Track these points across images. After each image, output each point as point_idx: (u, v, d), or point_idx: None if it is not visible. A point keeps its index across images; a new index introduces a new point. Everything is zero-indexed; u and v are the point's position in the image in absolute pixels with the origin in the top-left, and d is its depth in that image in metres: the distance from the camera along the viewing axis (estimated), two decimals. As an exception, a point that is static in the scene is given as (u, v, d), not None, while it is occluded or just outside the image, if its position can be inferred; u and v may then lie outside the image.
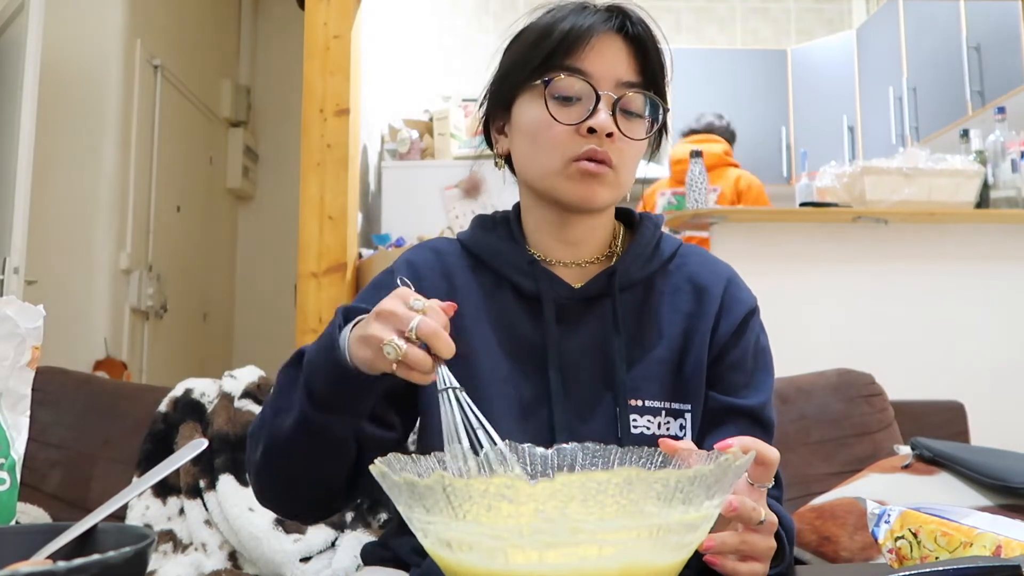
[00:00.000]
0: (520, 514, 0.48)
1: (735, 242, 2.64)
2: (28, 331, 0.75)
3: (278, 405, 0.81)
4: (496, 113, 0.93)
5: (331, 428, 0.79)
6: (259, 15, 5.06)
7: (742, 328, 0.91)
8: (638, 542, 0.50)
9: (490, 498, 0.49)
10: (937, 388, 1.96)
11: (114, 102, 3.43)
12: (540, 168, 0.87)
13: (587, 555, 0.49)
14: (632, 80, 0.86)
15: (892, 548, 0.76)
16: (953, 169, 2.66)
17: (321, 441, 0.79)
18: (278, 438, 0.80)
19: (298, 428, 0.78)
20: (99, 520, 0.59)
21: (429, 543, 0.54)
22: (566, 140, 0.85)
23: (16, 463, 0.74)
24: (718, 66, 5.05)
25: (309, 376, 0.77)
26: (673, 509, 0.51)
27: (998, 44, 3.70)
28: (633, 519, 0.50)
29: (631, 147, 0.86)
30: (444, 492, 0.50)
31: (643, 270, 0.91)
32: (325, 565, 1.27)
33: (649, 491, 0.50)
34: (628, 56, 0.86)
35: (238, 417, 1.43)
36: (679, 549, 0.53)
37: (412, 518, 0.54)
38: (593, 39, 0.85)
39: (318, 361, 0.76)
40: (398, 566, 0.90)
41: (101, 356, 3.27)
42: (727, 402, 0.88)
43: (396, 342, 0.68)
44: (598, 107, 0.84)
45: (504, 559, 0.50)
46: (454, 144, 3.45)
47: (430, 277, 0.91)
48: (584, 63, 0.85)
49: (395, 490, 0.54)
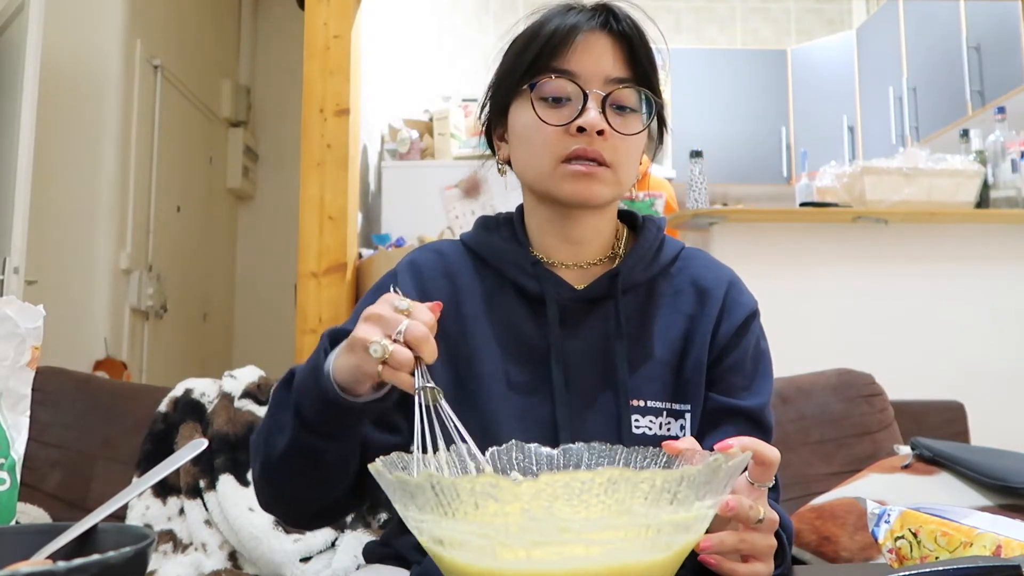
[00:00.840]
0: (507, 513, 0.49)
1: (735, 242, 2.64)
2: (28, 331, 0.75)
3: (272, 424, 0.81)
4: (495, 120, 0.94)
5: (324, 452, 0.79)
6: (259, 15, 5.06)
7: (742, 330, 0.91)
8: (626, 542, 0.50)
9: (476, 496, 0.49)
10: (937, 388, 1.96)
11: (114, 102, 3.43)
12: (535, 170, 0.88)
13: (575, 554, 0.50)
14: (621, 76, 0.86)
15: (892, 548, 0.76)
16: (953, 169, 2.66)
17: (316, 462, 0.79)
18: (272, 456, 0.81)
19: (291, 450, 0.78)
20: (99, 520, 0.59)
21: (424, 540, 0.55)
22: (556, 141, 0.85)
23: (16, 463, 0.74)
24: (718, 66, 5.05)
25: (299, 400, 0.77)
26: (661, 509, 0.51)
27: (998, 44, 3.70)
28: (619, 518, 0.50)
29: (626, 143, 0.86)
30: (433, 490, 0.50)
31: (646, 272, 0.91)
32: (325, 565, 1.27)
33: (635, 491, 0.50)
34: (616, 52, 0.86)
35: (238, 417, 1.43)
36: (670, 549, 0.53)
37: (407, 516, 0.55)
38: (578, 38, 0.85)
39: (306, 386, 0.76)
40: (399, 563, 0.90)
41: (101, 356, 3.27)
42: (726, 403, 0.88)
43: (383, 342, 0.67)
44: (587, 106, 0.84)
45: (493, 557, 0.50)
46: (454, 144, 3.45)
47: (433, 278, 0.91)
48: (570, 63, 0.85)
49: (390, 489, 0.54)
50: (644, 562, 0.51)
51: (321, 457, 0.78)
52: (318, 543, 1.29)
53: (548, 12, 0.89)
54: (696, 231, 2.79)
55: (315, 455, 0.78)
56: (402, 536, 0.90)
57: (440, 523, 0.51)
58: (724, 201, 4.57)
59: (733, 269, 0.98)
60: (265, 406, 1.45)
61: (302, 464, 0.79)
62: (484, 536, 0.50)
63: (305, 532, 1.30)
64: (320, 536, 1.29)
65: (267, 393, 1.48)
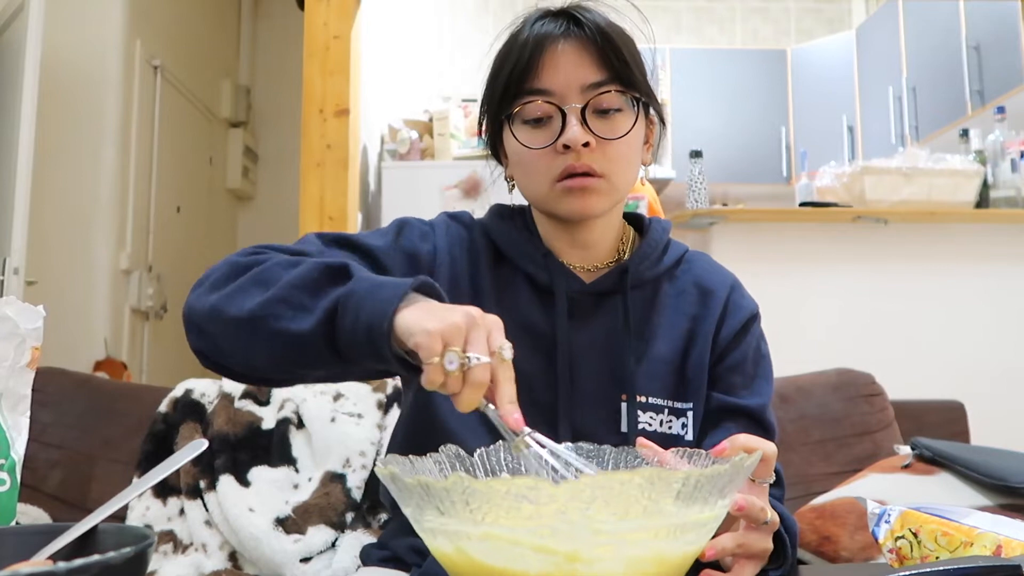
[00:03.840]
0: (541, 515, 0.48)
1: (735, 242, 2.64)
2: (28, 331, 0.75)
3: (284, 294, 0.70)
4: (495, 139, 0.93)
5: (318, 360, 0.70)
6: (259, 15, 5.06)
7: (743, 332, 0.92)
8: (655, 542, 0.50)
9: (512, 499, 0.48)
10: (937, 388, 1.96)
11: (114, 102, 3.43)
12: (532, 193, 0.89)
13: (603, 555, 0.50)
14: (597, 80, 0.84)
15: (892, 548, 0.76)
16: (953, 169, 2.66)
17: (299, 354, 0.70)
18: (247, 308, 0.70)
19: (284, 334, 0.69)
20: (99, 521, 0.59)
21: (438, 543, 0.54)
22: (545, 162, 0.85)
23: (16, 464, 0.74)
24: (718, 66, 5.05)
25: (340, 316, 0.67)
26: (690, 508, 0.51)
27: (998, 44, 3.70)
28: (652, 519, 0.50)
29: (615, 147, 0.85)
30: (463, 493, 0.49)
31: (652, 270, 0.92)
32: (325, 565, 1.27)
33: (669, 491, 0.50)
34: (588, 57, 0.84)
35: (238, 417, 1.43)
36: (690, 547, 0.54)
37: (422, 519, 0.54)
38: (545, 54, 0.84)
39: (359, 320, 0.65)
40: (397, 565, 0.90)
41: (101, 356, 3.26)
42: (727, 401, 0.89)
43: (471, 355, 0.60)
44: (567, 122, 0.83)
45: (523, 560, 0.50)
46: (454, 144, 3.45)
47: (461, 248, 0.91)
48: (542, 81, 0.84)
49: (405, 492, 0.53)
50: (667, 560, 0.52)
51: (311, 356, 0.70)
52: (318, 543, 1.29)
53: (521, 23, 0.88)
54: (696, 231, 2.79)
55: (308, 354, 0.69)
56: (400, 538, 0.90)
57: (463, 527, 0.50)
58: (724, 201, 4.57)
59: (733, 268, 0.99)
60: (265, 406, 1.46)
61: (281, 349, 0.70)
62: (515, 543, 0.49)
63: (304, 530, 1.30)
64: (320, 536, 1.29)
65: (267, 394, 1.48)
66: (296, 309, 0.69)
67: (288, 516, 1.31)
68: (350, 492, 1.34)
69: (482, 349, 0.60)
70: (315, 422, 1.41)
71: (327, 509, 1.32)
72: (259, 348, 0.72)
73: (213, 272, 0.79)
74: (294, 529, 1.30)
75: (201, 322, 0.76)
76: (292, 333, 0.68)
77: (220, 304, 0.74)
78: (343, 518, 1.33)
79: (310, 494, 1.34)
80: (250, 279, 0.74)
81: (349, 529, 1.32)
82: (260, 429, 1.42)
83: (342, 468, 1.37)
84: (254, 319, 0.70)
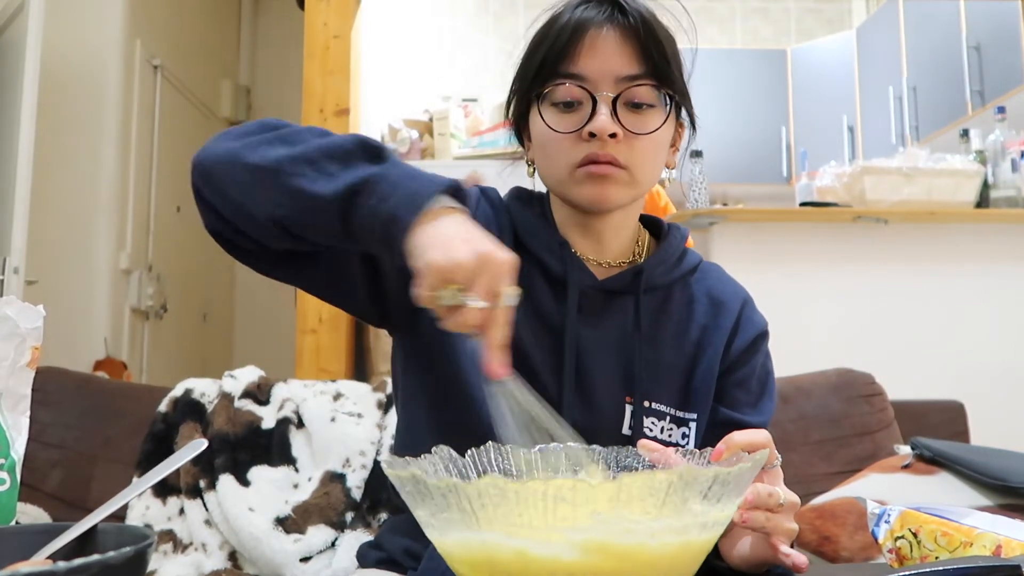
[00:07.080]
0: (576, 516, 0.48)
1: (735, 242, 2.64)
2: (28, 331, 0.75)
3: (312, 155, 0.69)
4: (521, 121, 0.92)
5: (326, 228, 0.69)
6: (259, 15, 5.06)
7: (753, 348, 0.92)
8: (680, 542, 0.51)
9: (548, 500, 0.48)
10: (937, 388, 1.97)
11: (114, 102, 3.43)
12: (552, 177, 0.87)
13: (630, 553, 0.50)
14: (633, 73, 0.83)
15: (892, 548, 0.76)
16: (953, 169, 2.66)
17: (307, 216, 0.69)
18: (274, 171, 0.69)
19: (299, 193, 0.68)
20: (99, 520, 0.59)
21: (449, 542, 0.53)
22: (569, 147, 0.83)
23: (16, 463, 0.74)
24: (718, 66, 5.04)
25: (364, 195, 0.66)
26: (712, 507, 0.52)
27: (998, 44, 3.70)
28: (680, 518, 0.50)
29: (643, 142, 0.83)
30: (493, 495, 0.48)
31: (667, 276, 0.91)
32: (325, 565, 1.27)
33: (698, 489, 0.50)
34: (626, 48, 0.83)
35: (238, 417, 1.43)
36: (707, 545, 0.54)
37: (432, 519, 0.53)
38: (585, 39, 0.83)
39: (379, 201, 0.65)
40: (393, 567, 0.89)
41: (101, 356, 3.27)
42: (731, 416, 0.89)
43: (467, 299, 0.59)
44: (596, 110, 0.82)
45: (551, 557, 0.50)
46: (454, 144, 3.45)
47: (487, 222, 0.89)
48: (578, 66, 0.83)
49: (419, 494, 0.52)
50: (684, 559, 0.52)
51: (320, 225, 0.69)
52: (318, 543, 1.29)
53: (562, 7, 0.86)
54: (696, 231, 2.79)
55: (320, 222, 0.68)
56: (395, 538, 0.90)
57: (484, 528, 0.50)
58: (724, 201, 4.57)
59: (733, 268, 0.99)
60: (265, 406, 1.46)
61: (290, 208, 0.69)
62: (545, 543, 0.49)
63: (304, 530, 1.30)
64: (320, 536, 1.29)
65: (267, 393, 1.48)
66: (320, 172, 0.68)
67: (288, 516, 1.31)
68: (350, 492, 1.34)
69: (482, 293, 0.59)
70: (315, 422, 1.41)
71: (327, 509, 1.32)
72: (265, 200, 0.71)
73: (240, 128, 0.78)
74: (294, 529, 1.30)
75: (212, 165, 0.75)
76: (308, 194, 0.67)
77: (240, 150, 0.73)
78: (343, 518, 1.33)
79: (310, 494, 1.34)
80: (278, 135, 0.73)
81: (349, 529, 1.32)
82: (260, 429, 1.42)
83: (342, 468, 1.37)
84: (272, 170, 0.69)
